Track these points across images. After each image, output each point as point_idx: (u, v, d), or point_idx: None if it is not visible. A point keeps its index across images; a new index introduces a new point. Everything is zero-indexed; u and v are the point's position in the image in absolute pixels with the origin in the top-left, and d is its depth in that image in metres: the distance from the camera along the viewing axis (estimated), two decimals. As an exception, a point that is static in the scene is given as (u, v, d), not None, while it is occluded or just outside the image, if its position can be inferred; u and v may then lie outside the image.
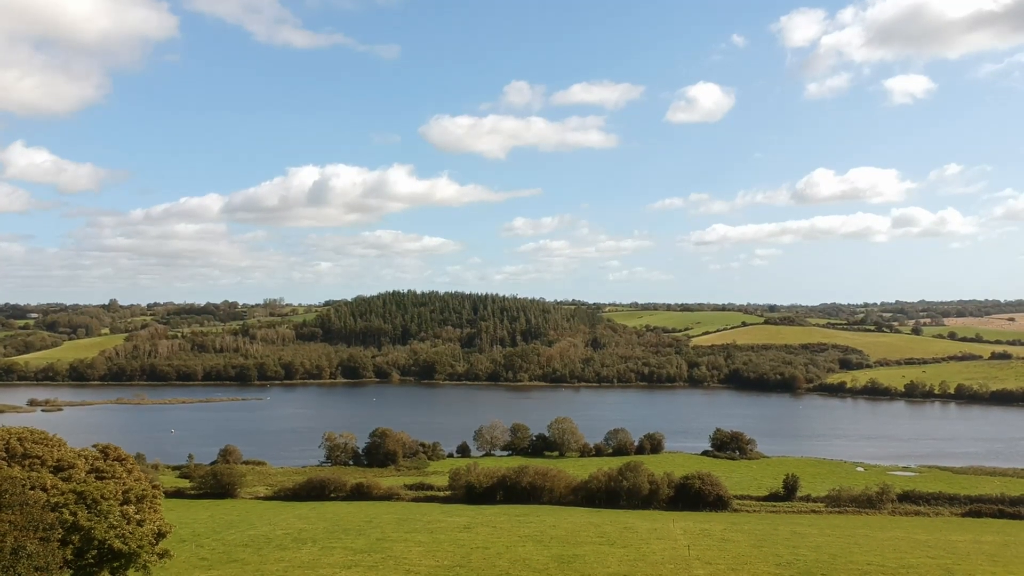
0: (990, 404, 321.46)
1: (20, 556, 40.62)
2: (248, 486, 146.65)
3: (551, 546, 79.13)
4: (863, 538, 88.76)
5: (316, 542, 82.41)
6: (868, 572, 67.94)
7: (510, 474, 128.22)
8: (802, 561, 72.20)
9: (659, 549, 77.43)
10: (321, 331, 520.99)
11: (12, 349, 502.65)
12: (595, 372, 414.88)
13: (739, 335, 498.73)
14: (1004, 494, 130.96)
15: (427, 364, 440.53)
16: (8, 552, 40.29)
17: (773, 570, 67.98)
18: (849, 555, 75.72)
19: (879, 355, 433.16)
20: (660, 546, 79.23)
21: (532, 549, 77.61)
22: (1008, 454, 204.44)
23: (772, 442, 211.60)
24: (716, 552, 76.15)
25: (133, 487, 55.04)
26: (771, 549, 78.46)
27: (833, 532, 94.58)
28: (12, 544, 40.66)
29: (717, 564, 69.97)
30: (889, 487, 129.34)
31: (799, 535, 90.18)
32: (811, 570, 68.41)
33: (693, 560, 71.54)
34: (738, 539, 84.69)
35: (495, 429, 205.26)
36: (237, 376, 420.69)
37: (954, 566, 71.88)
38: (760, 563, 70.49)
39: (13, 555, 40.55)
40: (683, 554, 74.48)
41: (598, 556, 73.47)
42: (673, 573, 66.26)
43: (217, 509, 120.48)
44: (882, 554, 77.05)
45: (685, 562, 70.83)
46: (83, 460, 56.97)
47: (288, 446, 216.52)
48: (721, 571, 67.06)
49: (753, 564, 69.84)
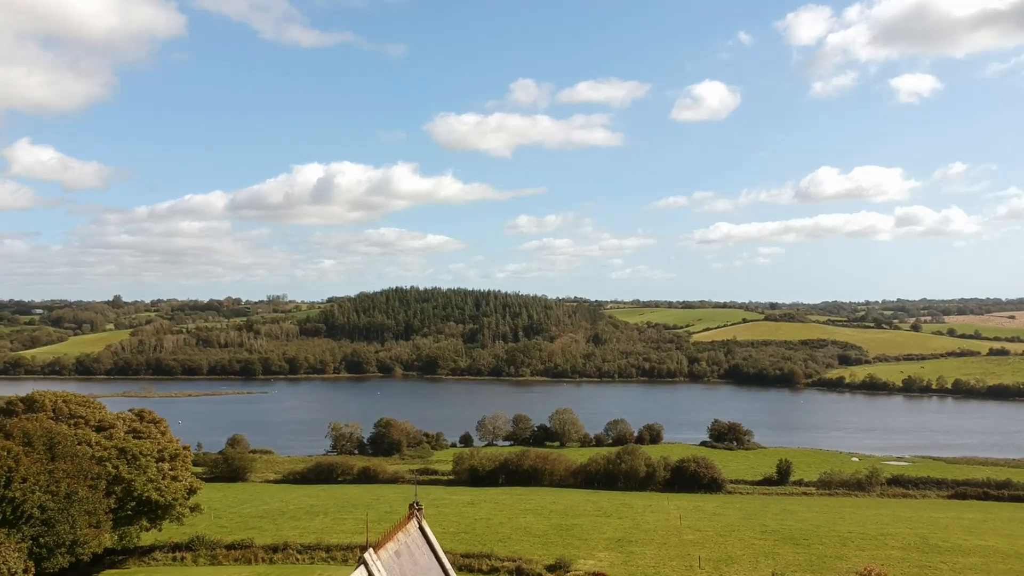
0: (987, 399, 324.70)
1: (73, 500, 45.02)
2: (257, 471, 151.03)
3: (551, 518, 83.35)
4: (848, 514, 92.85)
5: (328, 514, 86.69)
6: (848, 538, 72.04)
7: (512, 457, 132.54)
8: (787, 529, 76.35)
9: (652, 520, 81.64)
10: (324, 326, 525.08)
11: (18, 344, 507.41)
12: (596, 367, 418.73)
13: (739, 331, 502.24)
14: (990, 479, 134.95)
15: (430, 359, 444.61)
16: (63, 496, 44.68)
17: (759, 536, 72.11)
18: (832, 525, 79.87)
19: (878, 351, 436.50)
20: (654, 518, 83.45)
21: (533, 520, 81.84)
22: (1004, 446, 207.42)
23: (770, 434, 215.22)
24: (706, 523, 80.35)
25: (167, 447, 59.46)
26: (759, 521, 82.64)
27: (821, 509, 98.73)
28: (66, 489, 45.07)
29: (706, 531, 74.15)
30: (878, 471, 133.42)
31: (788, 511, 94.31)
32: (795, 536, 72.54)
33: (684, 528, 75.72)
34: (728, 514, 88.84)
35: (497, 420, 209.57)
36: (242, 370, 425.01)
37: (931, 535, 75.99)
38: (747, 531, 74.65)
39: (67, 499, 44.97)
40: (675, 524, 78.71)
41: (595, 525, 77.70)
42: (664, 538, 70.42)
43: (229, 490, 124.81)
44: (864, 525, 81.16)
45: (676, 530, 75.00)
46: (122, 422, 61.41)
47: (294, 436, 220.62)
48: (709, 536, 71.20)
49: (740, 531, 74.00)
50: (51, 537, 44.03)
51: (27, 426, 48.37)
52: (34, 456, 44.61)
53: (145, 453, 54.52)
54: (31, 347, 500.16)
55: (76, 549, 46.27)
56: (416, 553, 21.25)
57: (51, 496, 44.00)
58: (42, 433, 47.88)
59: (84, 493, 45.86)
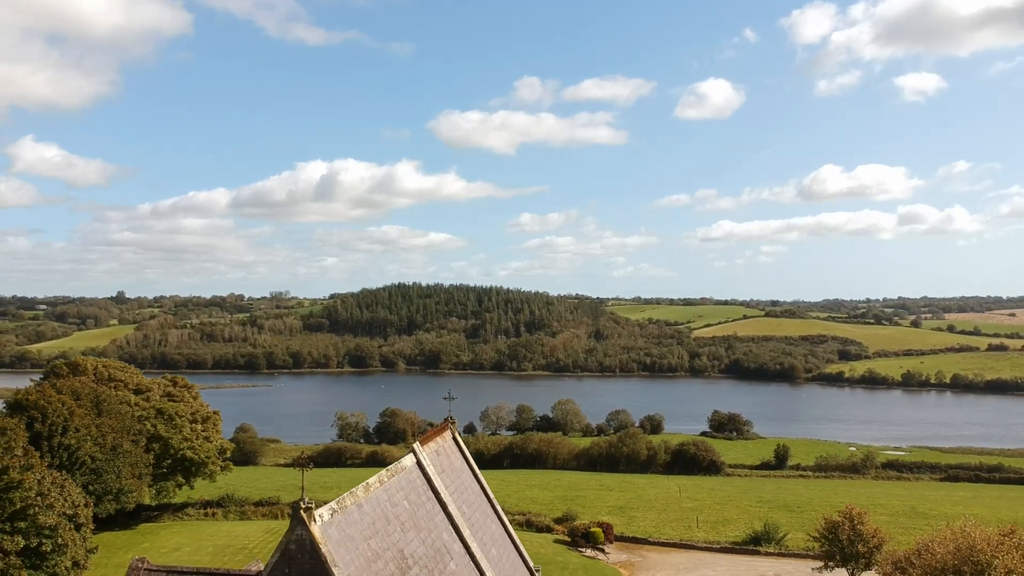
0: (985, 393, 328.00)
1: (118, 452, 48.72)
2: (267, 456, 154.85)
3: (556, 491, 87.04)
4: (842, 491, 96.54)
5: (341, 488, 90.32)
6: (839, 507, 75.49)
7: (517, 441, 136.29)
8: (781, 500, 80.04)
9: (653, 493, 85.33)
10: (328, 322, 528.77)
11: (24, 339, 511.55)
12: (598, 362, 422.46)
13: (740, 327, 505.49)
14: (982, 463, 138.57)
15: (432, 354, 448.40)
16: (109, 448, 48.35)
17: (754, 504, 75.79)
18: (825, 498, 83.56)
19: (878, 347, 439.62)
20: (654, 491, 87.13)
21: (539, 493, 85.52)
22: (1001, 437, 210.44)
23: (769, 425, 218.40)
24: (705, 495, 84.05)
25: (199, 410, 63.24)
26: (755, 494, 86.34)
27: (816, 487, 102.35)
28: (112, 442, 48.75)
29: (704, 501, 77.82)
30: (874, 455, 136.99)
31: (784, 488, 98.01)
32: (788, 505, 76.23)
33: (683, 499, 79.39)
34: (726, 489, 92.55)
35: (501, 410, 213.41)
36: (246, 364, 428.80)
37: (919, 506, 79.63)
38: (743, 500, 78.32)
39: (113, 451, 48.65)
40: (675, 495, 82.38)
41: (598, 496, 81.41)
42: (664, 505, 74.09)
43: (242, 472, 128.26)
44: (856, 499, 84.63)
45: (676, 500, 78.69)
46: (157, 386, 65.15)
47: (300, 427, 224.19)
48: (707, 504, 74.86)
49: (736, 501, 77.67)
50: (99, 485, 47.69)
51: (75, 385, 52.10)
52: (82, 412, 48.25)
53: (180, 414, 58.26)
54: (36, 342, 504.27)
55: (121, 497, 50.00)
56: (451, 455, 24.87)
57: (99, 448, 47.65)
58: (89, 391, 51.64)
59: (128, 447, 49.60)
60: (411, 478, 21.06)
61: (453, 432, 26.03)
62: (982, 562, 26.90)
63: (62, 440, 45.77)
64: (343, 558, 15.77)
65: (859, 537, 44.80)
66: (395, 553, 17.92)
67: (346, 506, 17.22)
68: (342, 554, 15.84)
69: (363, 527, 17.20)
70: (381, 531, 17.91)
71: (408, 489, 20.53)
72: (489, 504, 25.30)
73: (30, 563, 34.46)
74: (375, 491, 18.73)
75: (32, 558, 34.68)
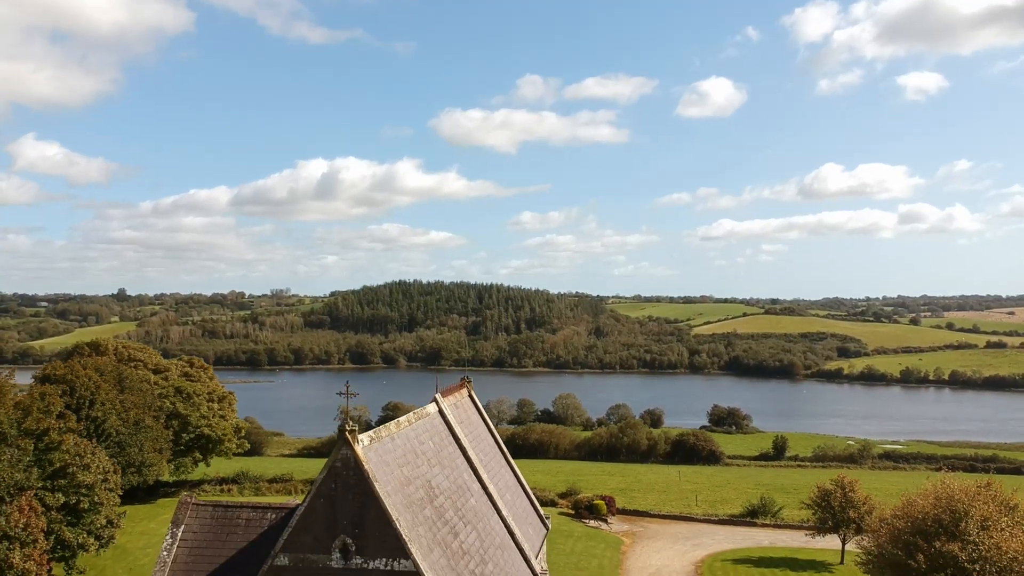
0: (983, 389, 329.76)
1: (141, 427, 50.72)
2: (272, 447, 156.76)
3: (559, 476, 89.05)
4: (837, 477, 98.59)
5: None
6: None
7: (519, 432, 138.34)
8: (778, 484, 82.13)
9: (653, 478, 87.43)
10: (329, 319, 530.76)
11: (25, 335, 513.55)
12: (598, 359, 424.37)
13: (740, 324, 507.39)
14: (978, 455, 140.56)
15: (433, 350, 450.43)
16: (132, 423, 50.34)
17: (752, 488, 77.87)
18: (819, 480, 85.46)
19: (877, 344, 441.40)
20: (655, 476, 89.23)
21: (542, 478, 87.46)
22: (999, 432, 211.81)
23: (768, 420, 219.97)
24: (704, 479, 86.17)
25: (215, 389, 65.30)
26: (753, 479, 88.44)
27: (812, 475, 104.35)
28: (134, 417, 50.74)
29: (703, 484, 79.93)
30: (870, 446, 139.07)
31: (781, 475, 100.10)
32: (785, 487, 78.26)
33: (683, 481, 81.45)
34: (725, 475, 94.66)
35: (502, 404, 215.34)
36: (248, 361, 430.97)
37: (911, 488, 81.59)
38: (741, 483, 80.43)
39: (135, 426, 50.64)
40: (675, 479, 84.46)
41: (600, 480, 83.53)
42: (664, 487, 76.18)
43: (250, 460, 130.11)
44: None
45: (676, 483, 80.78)
46: (175, 367, 67.23)
47: (303, 421, 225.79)
48: (705, 487, 76.96)
49: (734, 484, 79.77)
50: (123, 458, 49.62)
51: (99, 362, 54.14)
52: (107, 387, 50.22)
53: (198, 393, 60.32)
54: (38, 338, 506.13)
55: (143, 470, 52.03)
56: (468, 410, 26.86)
57: (122, 422, 49.63)
58: (112, 368, 53.63)
59: (149, 422, 51.61)
60: (434, 423, 23.05)
61: (470, 391, 28.01)
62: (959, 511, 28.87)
63: (89, 412, 47.80)
64: (381, 477, 17.73)
65: (850, 503, 46.79)
66: (424, 482, 19.90)
67: (381, 437, 19.20)
68: (380, 474, 17.81)
69: (396, 456, 19.18)
70: (411, 462, 19.88)
71: (432, 432, 22.52)
72: (503, 456, 27.24)
73: (68, 520, 36.47)
74: (404, 429, 20.71)
75: (70, 515, 36.71)
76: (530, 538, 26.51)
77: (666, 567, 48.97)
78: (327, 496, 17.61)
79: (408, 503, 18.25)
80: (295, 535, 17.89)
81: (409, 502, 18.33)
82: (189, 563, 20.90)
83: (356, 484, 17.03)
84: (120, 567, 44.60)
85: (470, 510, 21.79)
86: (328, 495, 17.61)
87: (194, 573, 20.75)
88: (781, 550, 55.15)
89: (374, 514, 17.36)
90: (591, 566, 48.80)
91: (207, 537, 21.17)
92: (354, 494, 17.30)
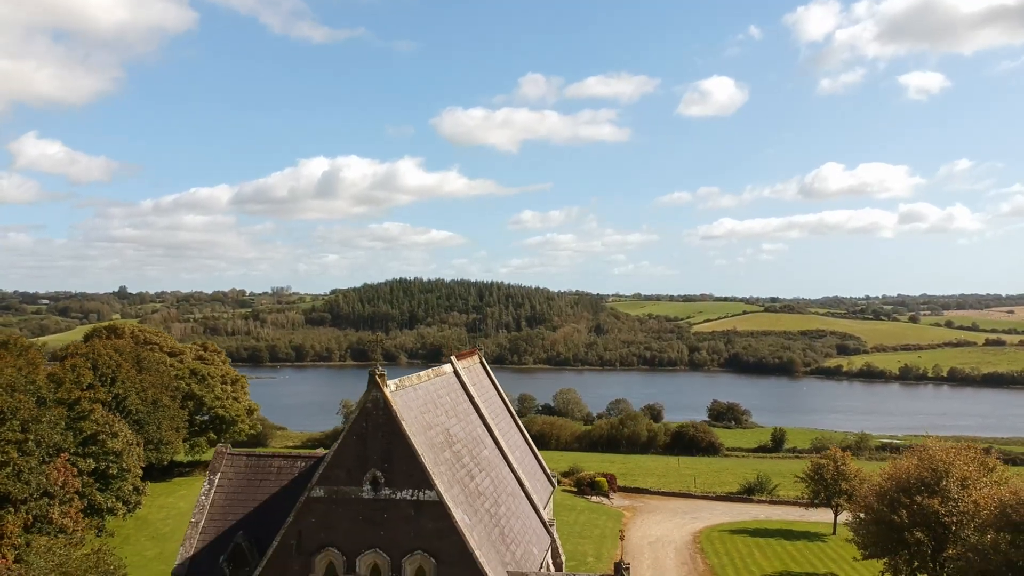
0: (981, 386, 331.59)
1: (158, 406, 52.65)
2: (277, 439, 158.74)
3: (561, 464, 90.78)
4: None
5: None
6: (831, 474, 79.56)
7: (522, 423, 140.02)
8: (776, 471, 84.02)
9: (653, 465, 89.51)
10: (330, 316, 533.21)
11: (27, 332, 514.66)
12: (598, 356, 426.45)
13: (739, 322, 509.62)
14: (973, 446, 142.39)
15: (434, 347, 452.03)
16: (150, 402, 52.27)
17: (749, 472, 79.79)
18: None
19: (876, 341, 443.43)
20: (654, 464, 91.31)
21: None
22: (997, 427, 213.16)
23: (768, 415, 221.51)
24: (702, 467, 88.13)
25: (228, 372, 67.23)
26: (752, 466, 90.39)
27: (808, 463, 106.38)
28: (152, 396, 52.67)
29: (702, 470, 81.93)
30: (868, 436, 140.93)
31: (778, 464, 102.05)
32: (783, 473, 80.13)
33: (682, 468, 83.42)
34: (723, 463, 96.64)
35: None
36: (250, 357, 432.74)
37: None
38: (739, 469, 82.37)
39: (153, 405, 52.55)
40: (674, 466, 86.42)
41: (601, 467, 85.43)
42: (664, 472, 78.16)
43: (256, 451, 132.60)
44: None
45: (675, 469, 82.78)
46: (189, 350, 69.19)
47: (307, 416, 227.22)
48: (704, 472, 79.02)
49: (732, 470, 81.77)
50: (142, 435, 51.50)
51: (118, 344, 56.08)
52: (127, 366, 52.13)
53: (212, 375, 62.24)
54: (40, 335, 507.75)
55: (161, 448, 53.97)
56: (479, 374, 28.79)
57: (141, 401, 51.54)
58: (131, 350, 55.55)
59: (167, 402, 53.51)
60: (450, 381, 24.98)
61: (480, 358, 29.93)
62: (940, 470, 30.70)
63: (112, 388, 49.69)
64: (407, 419, 19.63)
65: (842, 476, 48.67)
66: (442, 429, 21.83)
67: (405, 386, 21.12)
68: (406, 416, 19.70)
69: (419, 403, 21.10)
70: (431, 411, 21.81)
71: (448, 388, 24.45)
72: (512, 418, 29.08)
73: (98, 485, 38.35)
74: (425, 382, 22.65)
75: (100, 481, 38.59)
76: (538, 491, 28.37)
77: (666, 537, 50.94)
78: (359, 434, 19.49)
79: (431, 444, 20.10)
80: (329, 470, 19.84)
81: (431, 444, 20.18)
82: (225, 507, 22.77)
83: (385, 423, 18.88)
84: (143, 535, 46.53)
85: (484, 459, 23.67)
86: (360, 433, 19.48)
87: (230, 515, 22.63)
88: (776, 523, 57.20)
89: (401, 450, 19.24)
90: (593, 535, 50.78)
91: (242, 483, 23.03)
92: (383, 432, 19.20)
